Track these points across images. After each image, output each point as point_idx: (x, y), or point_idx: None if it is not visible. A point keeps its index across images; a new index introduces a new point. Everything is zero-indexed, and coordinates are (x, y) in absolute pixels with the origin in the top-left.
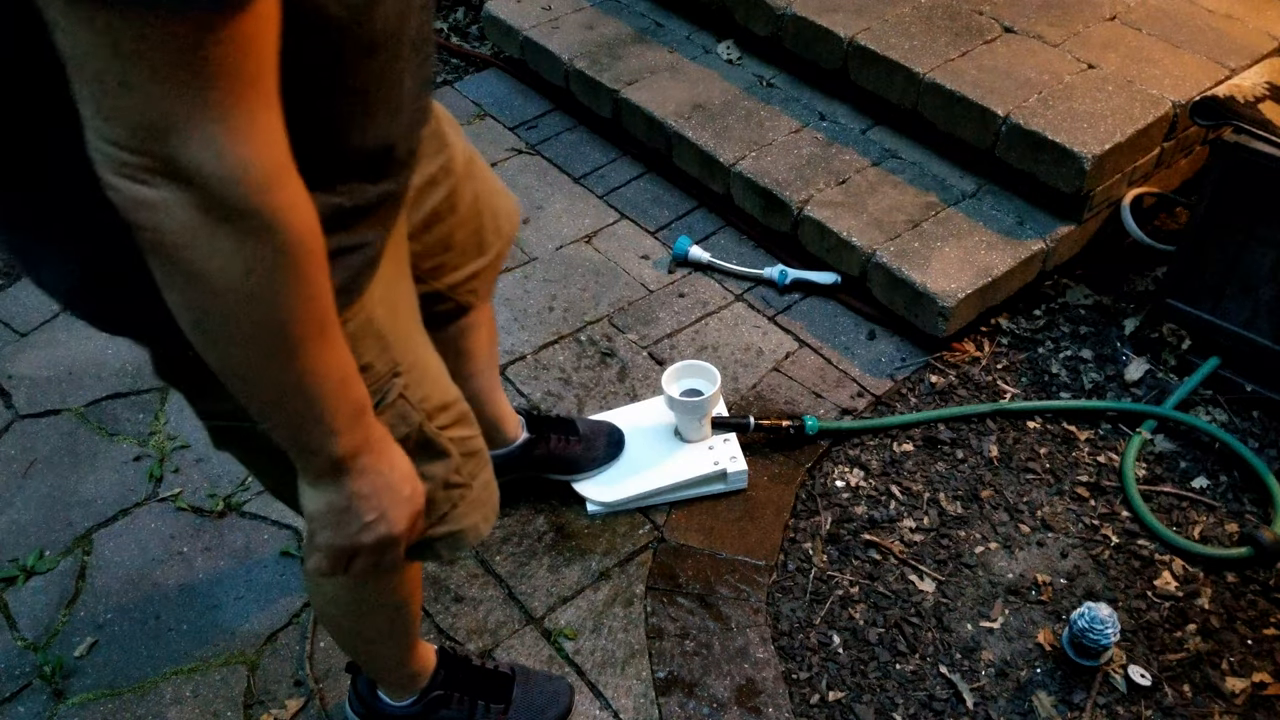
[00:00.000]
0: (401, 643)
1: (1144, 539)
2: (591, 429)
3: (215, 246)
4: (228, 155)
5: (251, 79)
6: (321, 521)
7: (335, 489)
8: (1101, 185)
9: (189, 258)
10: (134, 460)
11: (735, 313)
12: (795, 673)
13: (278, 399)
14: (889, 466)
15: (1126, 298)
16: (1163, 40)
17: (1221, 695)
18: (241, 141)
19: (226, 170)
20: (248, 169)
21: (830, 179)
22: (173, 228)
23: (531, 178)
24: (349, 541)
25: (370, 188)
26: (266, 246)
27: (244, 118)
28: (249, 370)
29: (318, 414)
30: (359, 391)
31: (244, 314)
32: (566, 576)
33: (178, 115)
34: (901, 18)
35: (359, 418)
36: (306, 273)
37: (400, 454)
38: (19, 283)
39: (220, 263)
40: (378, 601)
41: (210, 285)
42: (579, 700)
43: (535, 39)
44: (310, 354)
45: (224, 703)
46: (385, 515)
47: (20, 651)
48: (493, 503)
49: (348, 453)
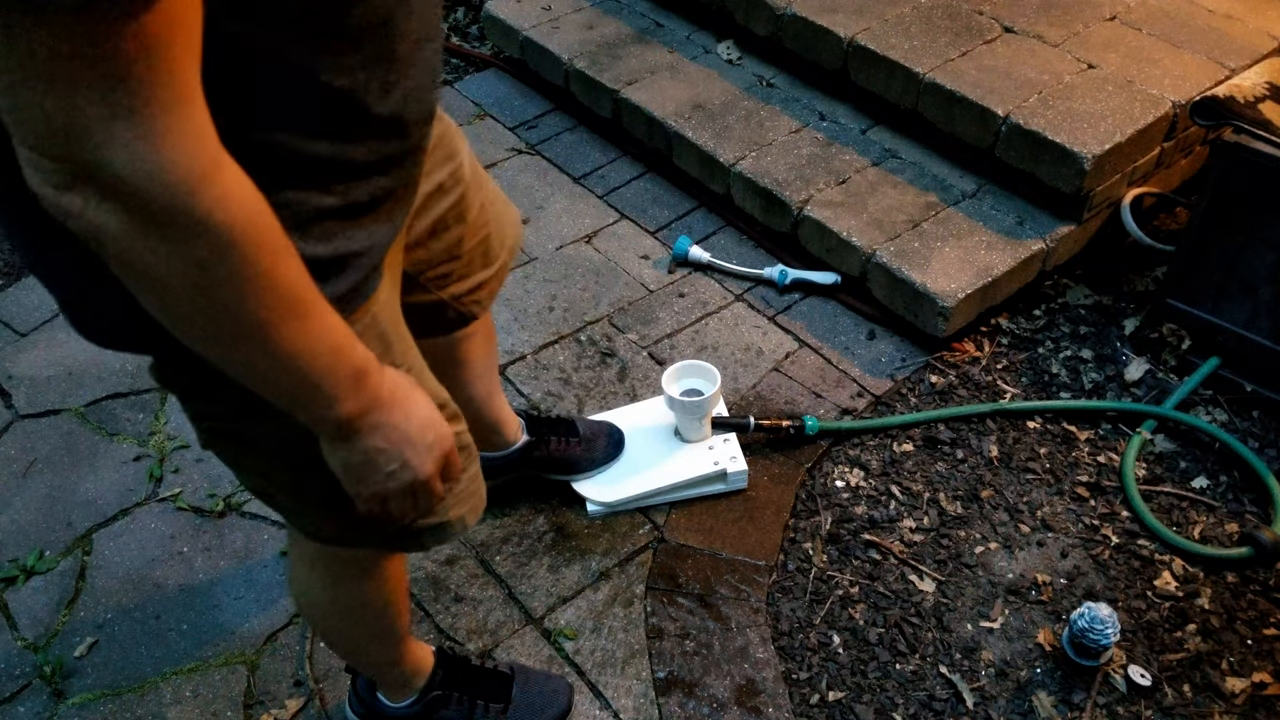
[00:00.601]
0: (390, 643)
1: (1144, 539)
2: (592, 430)
3: (153, 250)
4: (145, 158)
5: (164, 79)
6: (345, 475)
7: (350, 448)
8: (1101, 185)
9: (132, 262)
10: (134, 460)
11: (735, 313)
12: (795, 673)
13: (265, 378)
14: (889, 466)
15: (1126, 298)
16: (1163, 40)
17: (1221, 695)
18: (158, 143)
19: (146, 174)
20: (171, 172)
21: (830, 179)
22: (108, 233)
23: (531, 178)
24: (375, 489)
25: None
26: (204, 245)
27: (159, 119)
28: (230, 358)
29: (314, 385)
30: (356, 356)
31: (204, 309)
32: (566, 576)
33: (89, 120)
34: (901, 18)
35: (360, 381)
36: (259, 260)
37: (421, 401)
38: (19, 283)
39: (164, 265)
40: (360, 603)
41: (161, 286)
42: (579, 700)
43: (535, 39)
44: (288, 335)
45: (224, 703)
46: (407, 463)
47: (20, 651)
48: (480, 495)
49: (354, 414)
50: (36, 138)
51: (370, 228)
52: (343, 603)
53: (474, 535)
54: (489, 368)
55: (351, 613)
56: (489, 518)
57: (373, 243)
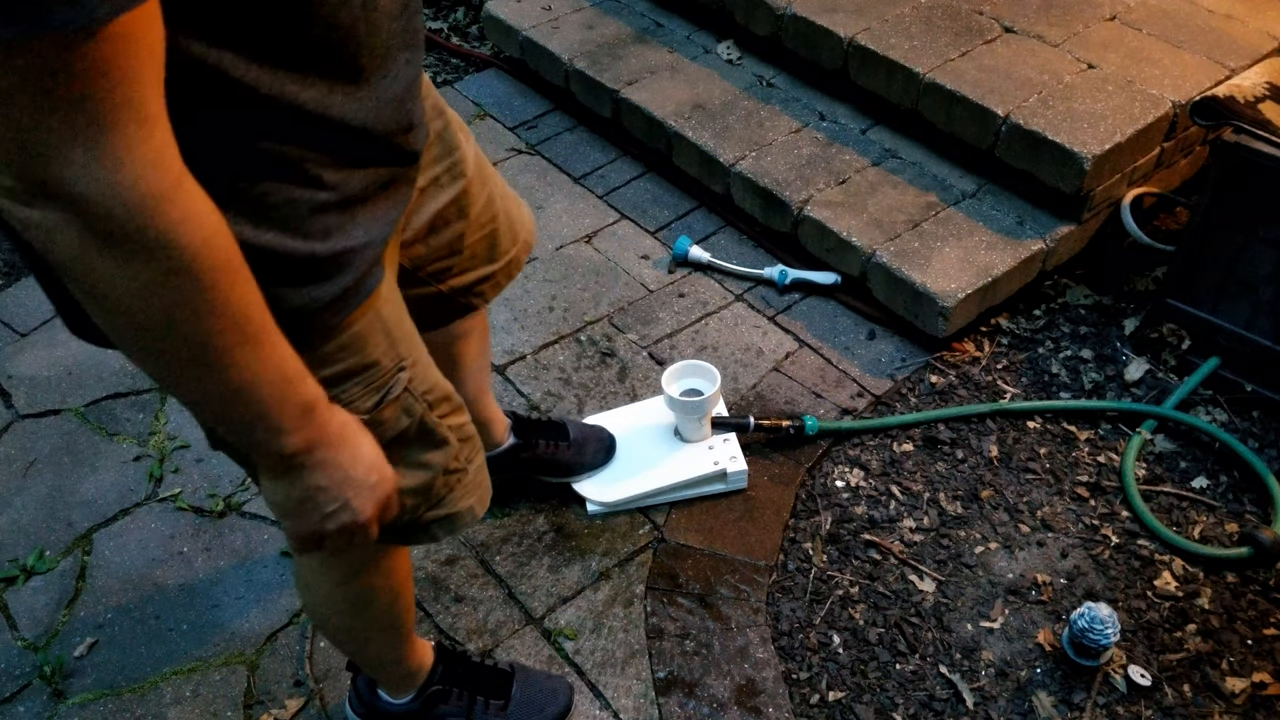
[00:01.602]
0: (396, 639)
1: (1144, 539)
2: (583, 434)
3: (108, 268)
4: (103, 179)
5: (122, 102)
6: (282, 511)
7: (291, 483)
8: (1101, 185)
9: (86, 279)
10: (134, 460)
11: (735, 313)
12: (795, 673)
13: (214, 404)
14: (889, 466)
15: (1126, 298)
16: (1163, 40)
17: (1221, 695)
18: (118, 164)
19: (104, 194)
20: (126, 191)
21: (830, 179)
22: (64, 250)
23: (531, 178)
24: (312, 529)
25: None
26: (159, 266)
27: (118, 140)
28: (180, 380)
29: (261, 415)
30: (306, 389)
31: (157, 330)
32: (566, 576)
33: (48, 141)
34: (901, 18)
35: (308, 414)
36: (214, 284)
37: (366, 442)
38: (19, 282)
39: (117, 284)
40: (368, 598)
41: (113, 305)
42: (579, 700)
43: (535, 39)
44: (239, 361)
45: (224, 703)
46: (348, 504)
47: (20, 651)
48: (486, 486)
49: (299, 449)
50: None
51: (365, 223)
52: (352, 599)
53: (474, 535)
54: (481, 367)
55: (361, 608)
56: (489, 518)
57: (369, 238)
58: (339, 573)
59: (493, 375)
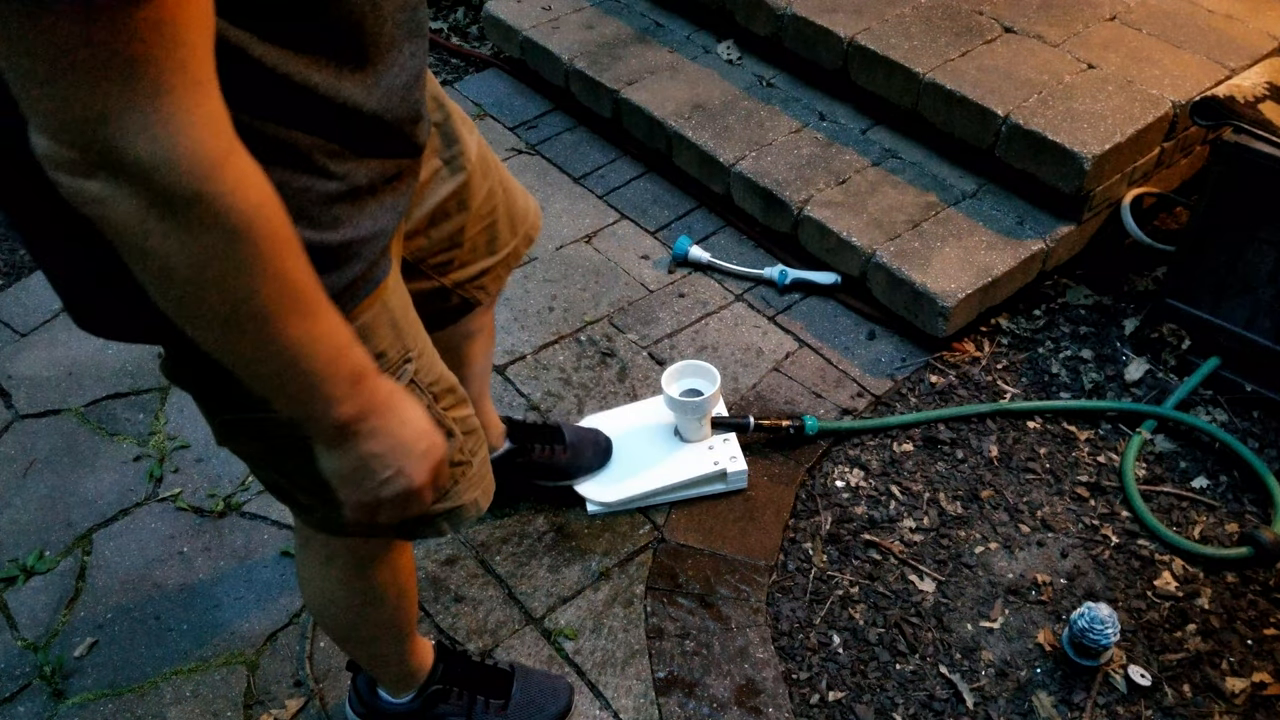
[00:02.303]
0: (398, 637)
1: (1144, 539)
2: (579, 437)
3: (167, 236)
4: (160, 145)
5: (177, 65)
6: (339, 481)
7: (345, 452)
8: (1101, 185)
9: (145, 248)
10: (134, 460)
11: (735, 313)
12: (795, 673)
13: (268, 375)
14: (889, 466)
15: (1126, 298)
16: (1163, 40)
17: (1221, 695)
18: (176, 130)
19: (162, 160)
20: (186, 157)
21: (830, 179)
22: (122, 220)
23: (531, 178)
24: (368, 497)
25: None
26: (217, 232)
27: (173, 105)
28: (233, 350)
29: (313, 385)
30: (356, 357)
31: (211, 299)
32: (566, 576)
33: (105, 109)
34: (901, 18)
35: (359, 383)
36: (268, 251)
37: (414, 409)
38: (19, 282)
39: (175, 252)
40: (371, 595)
41: (172, 274)
42: (579, 700)
43: (535, 39)
44: (291, 330)
45: (224, 703)
46: (402, 471)
47: (20, 651)
48: (490, 480)
49: (352, 418)
50: (55, 127)
51: (373, 213)
52: (358, 596)
53: (474, 535)
54: (484, 370)
55: (365, 605)
56: (489, 518)
57: (377, 228)
58: (341, 570)
59: (493, 375)
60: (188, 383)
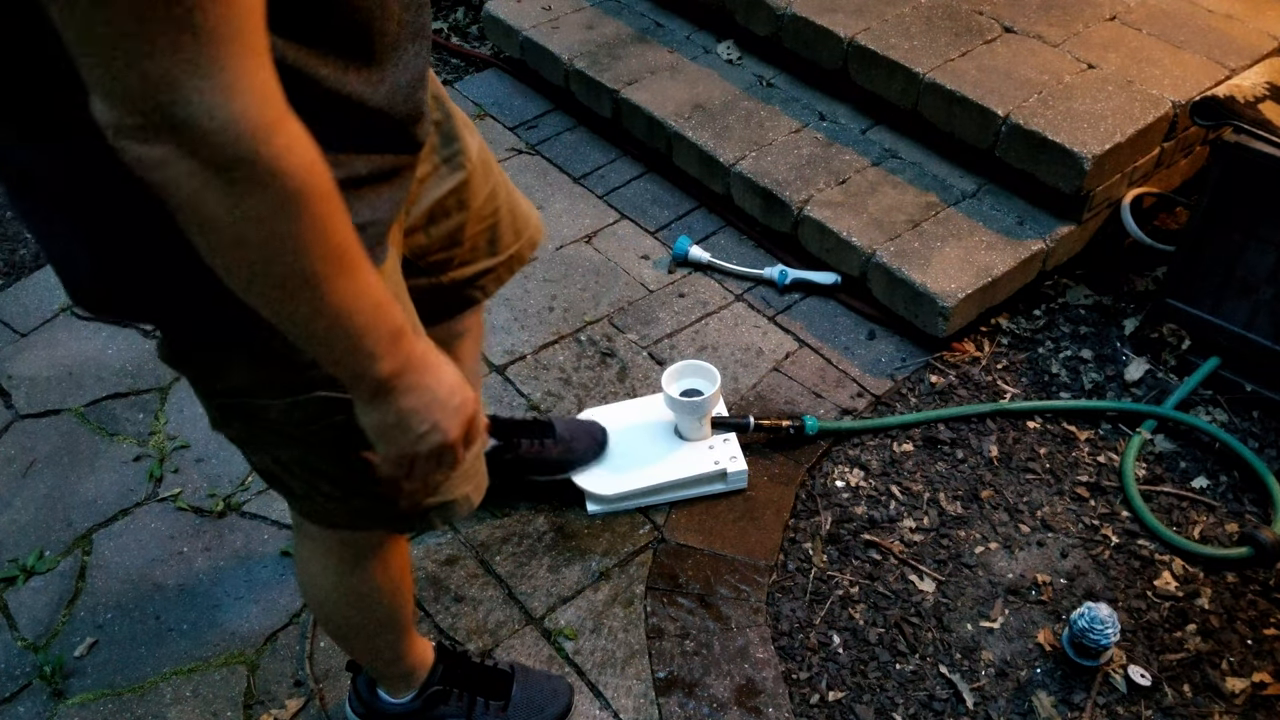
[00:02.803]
0: (397, 635)
1: (1144, 539)
2: (570, 430)
3: (223, 199)
4: (221, 110)
5: (238, 33)
6: (377, 435)
7: (384, 408)
8: (1101, 185)
9: (202, 212)
10: (134, 460)
11: (735, 313)
12: (795, 673)
13: (315, 332)
14: (889, 466)
15: (1126, 298)
16: (1163, 40)
17: (1221, 695)
18: (234, 95)
19: (221, 125)
20: (242, 122)
21: (830, 179)
22: (181, 184)
23: (531, 178)
24: (406, 451)
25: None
26: (271, 194)
27: (234, 72)
28: (281, 309)
29: (356, 341)
30: (394, 315)
31: (265, 259)
32: (566, 576)
33: (168, 75)
34: (901, 18)
35: (398, 340)
36: (316, 211)
37: (447, 366)
38: (19, 282)
39: (230, 215)
40: (371, 589)
41: (226, 238)
42: (579, 700)
43: (535, 39)
44: (337, 287)
45: (224, 703)
46: (437, 426)
47: (20, 651)
48: (482, 475)
49: (391, 373)
50: (120, 93)
51: (371, 203)
52: (354, 590)
53: (474, 535)
54: (474, 371)
55: (362, 601)
56: (489, 518)
57: (375, 217)
58: (338, 564)
59: (493, 375)
60: (184, 365)
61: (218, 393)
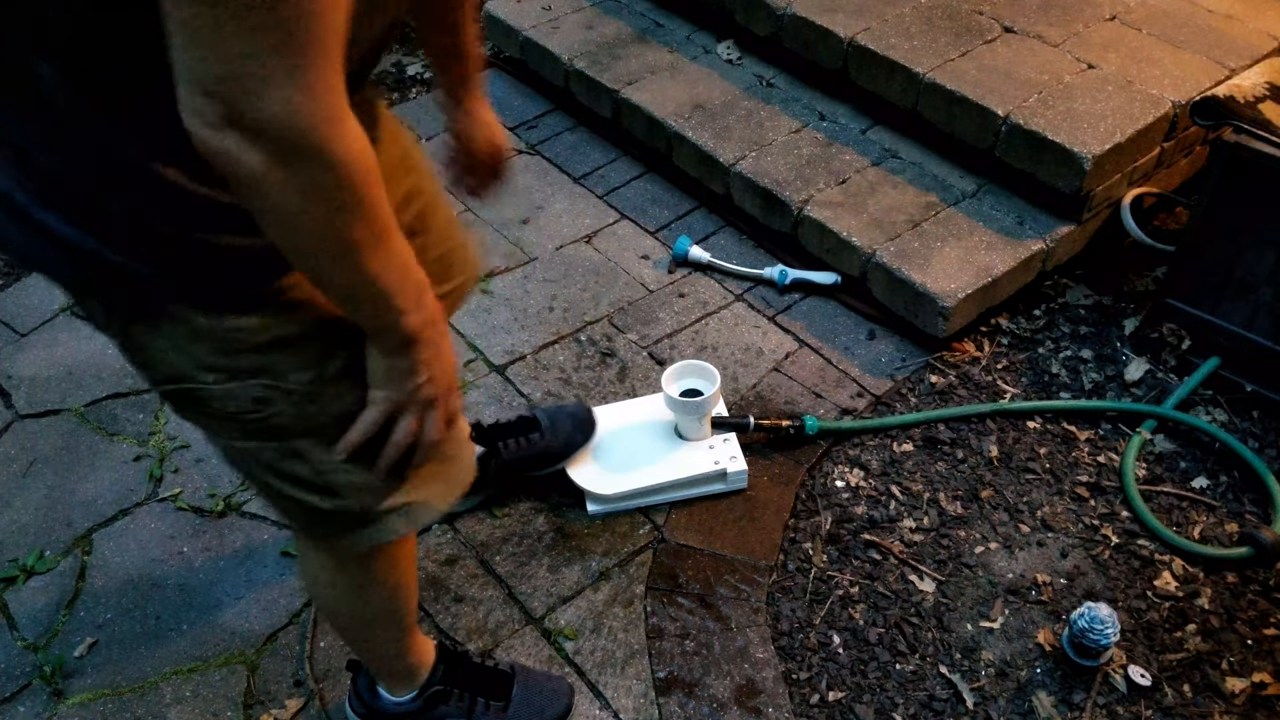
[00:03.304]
0: (398, 632)
1: (1144, 539)
2: (552, 416)
3: (285, 183)
4: (300, 107)
5: (317, 41)
6: (385, 378)
7: (406, 356)
8: (1101, 185)
9: (268, 197)
10: (134, 460)
11: (735, 313)
12: (795, 673)
13: (359, 294)
14: (889, 466)
15: (1126, 298)
16: (1163, 40)
17: (1221, 695)
18: (311, 96)
19: (297, 121)
20: (314, 117)
21: (830, 179)
22: (250, 170)
23: (531, 178)
24: (402, 397)
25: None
26: (331, 178)
27: (313, 75)
28: (328, 274)
29: (390, 299)
30: (418, 274)
31: (318, 234)
32: (566, 576)
33: (264, 72)
34: (901, 18)
35: (423, 296)
36: (365, 194)
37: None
38: (19, 283)
39: (292, 195)
40: (370, 581)
41: (286, 216)
42: (579, 700)
43: (535, 39)
44: (377, 255)
45: (224, 703)
46: (433, 377)
47: (20, 651)
48: (451, 478)
49: (417, 327)
50: (211, 83)
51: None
52: (353, 582)
53: (474, 535)
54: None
55: (362, 593)
56: (489, 518)
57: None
58: (341, 559)
59: (493, 375)
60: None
61: (157, 381)
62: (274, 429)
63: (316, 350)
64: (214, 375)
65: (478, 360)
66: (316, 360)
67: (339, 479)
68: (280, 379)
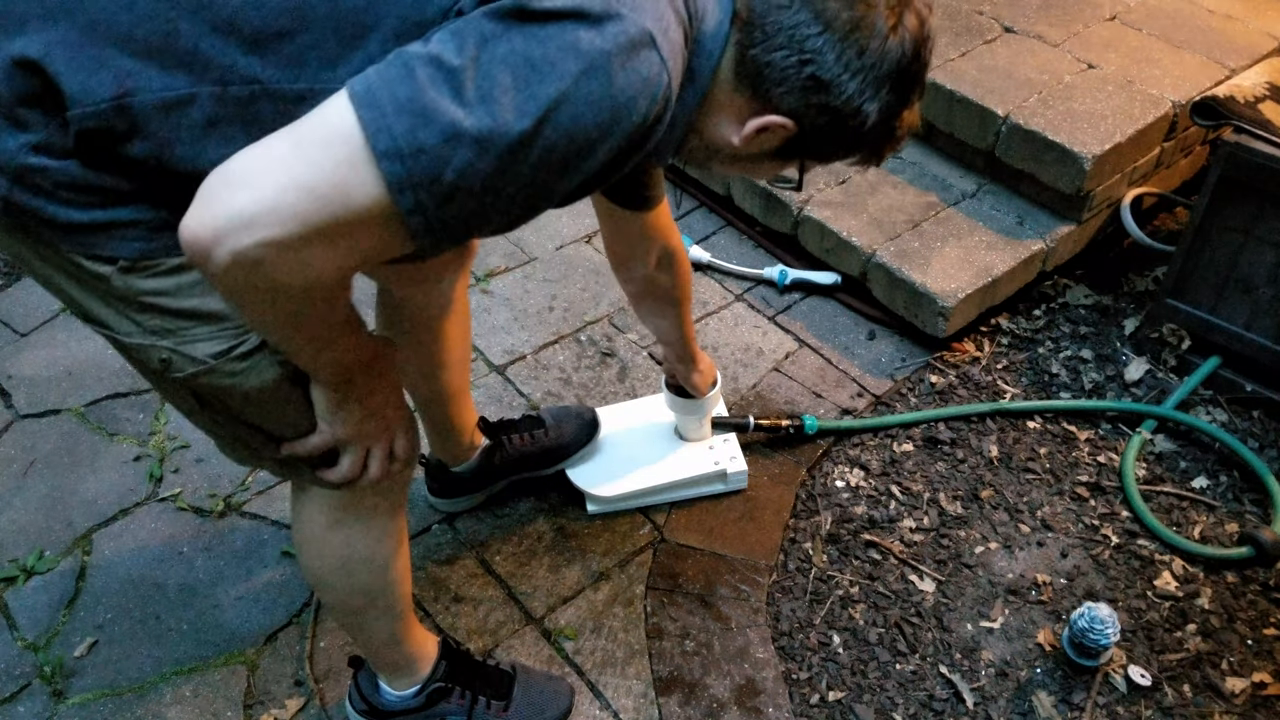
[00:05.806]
0: (393, 614)
1: (1144, 539)
2: (558, 415)
3: (267, 306)
4: (321, 279)
5: (356, 265)
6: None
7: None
8: (1101, 185)
9: (257, 309)
10: (134, 460)
11: (735, 313)
12: (795, 673)
13: (320, 366)
14: (889, 466)
15: (1126, 298)
16: (1163, 40)
17: (1221, 695)
18: (329, 274)
19: (313, 284)
20: (323, 284)
21: (830, 179)
22: (242, 296)
23: None
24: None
25: None
26: (308, 306)
27: (344, 273)
28: (294, 353)
29: (345, 371)
30: (365, 354)
31: (290, 329)
32: (566, 576)
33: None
34: None
35: (370, 367)
36: (320, 312)
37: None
38: (19, 283)
39: (275, 312)
40: (362, 556)
41: (268, 320)
42: (579, 700)
43: None
44: (337, 344)
45: (224, 703)
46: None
47: (20, 651)
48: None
49: (363, 393)
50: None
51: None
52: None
53: (474, 535)
54: (463, 360)
55: (347, 565)
56: (489, 518)
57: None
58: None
59: (493, 375)
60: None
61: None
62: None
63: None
64: (117, 329)
65: (478, 360)
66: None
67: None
68: (190, 354)
